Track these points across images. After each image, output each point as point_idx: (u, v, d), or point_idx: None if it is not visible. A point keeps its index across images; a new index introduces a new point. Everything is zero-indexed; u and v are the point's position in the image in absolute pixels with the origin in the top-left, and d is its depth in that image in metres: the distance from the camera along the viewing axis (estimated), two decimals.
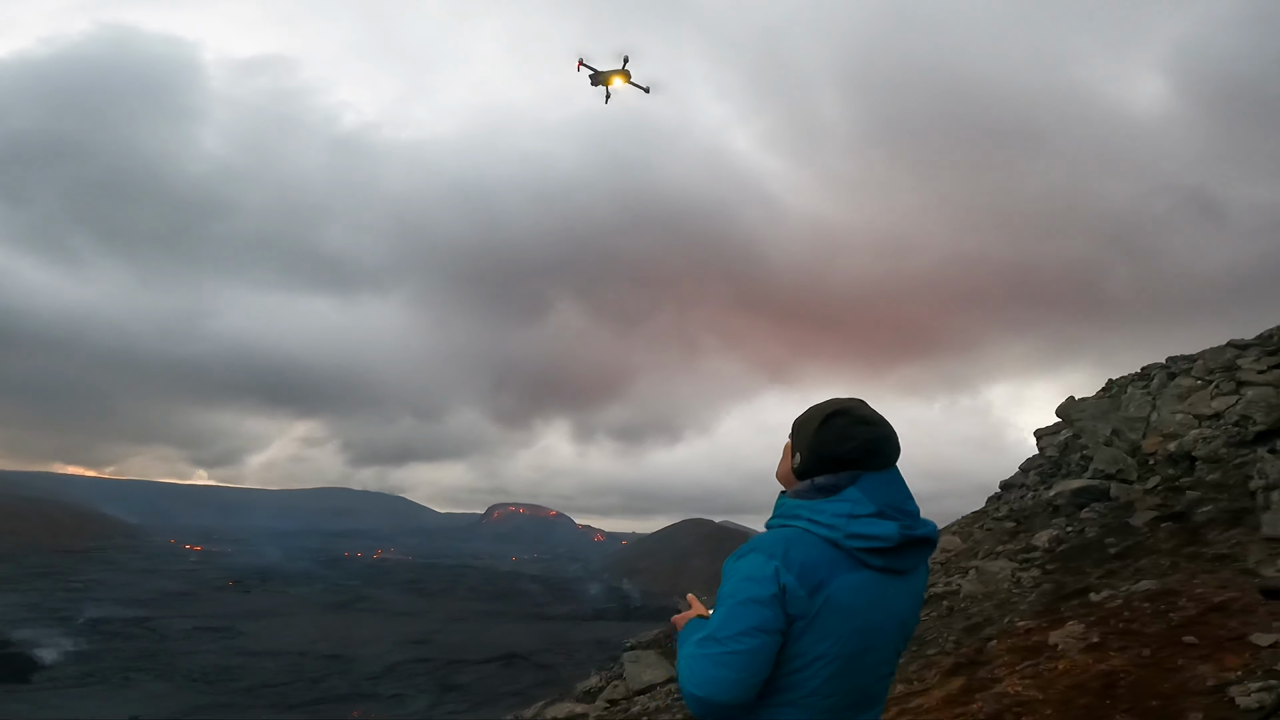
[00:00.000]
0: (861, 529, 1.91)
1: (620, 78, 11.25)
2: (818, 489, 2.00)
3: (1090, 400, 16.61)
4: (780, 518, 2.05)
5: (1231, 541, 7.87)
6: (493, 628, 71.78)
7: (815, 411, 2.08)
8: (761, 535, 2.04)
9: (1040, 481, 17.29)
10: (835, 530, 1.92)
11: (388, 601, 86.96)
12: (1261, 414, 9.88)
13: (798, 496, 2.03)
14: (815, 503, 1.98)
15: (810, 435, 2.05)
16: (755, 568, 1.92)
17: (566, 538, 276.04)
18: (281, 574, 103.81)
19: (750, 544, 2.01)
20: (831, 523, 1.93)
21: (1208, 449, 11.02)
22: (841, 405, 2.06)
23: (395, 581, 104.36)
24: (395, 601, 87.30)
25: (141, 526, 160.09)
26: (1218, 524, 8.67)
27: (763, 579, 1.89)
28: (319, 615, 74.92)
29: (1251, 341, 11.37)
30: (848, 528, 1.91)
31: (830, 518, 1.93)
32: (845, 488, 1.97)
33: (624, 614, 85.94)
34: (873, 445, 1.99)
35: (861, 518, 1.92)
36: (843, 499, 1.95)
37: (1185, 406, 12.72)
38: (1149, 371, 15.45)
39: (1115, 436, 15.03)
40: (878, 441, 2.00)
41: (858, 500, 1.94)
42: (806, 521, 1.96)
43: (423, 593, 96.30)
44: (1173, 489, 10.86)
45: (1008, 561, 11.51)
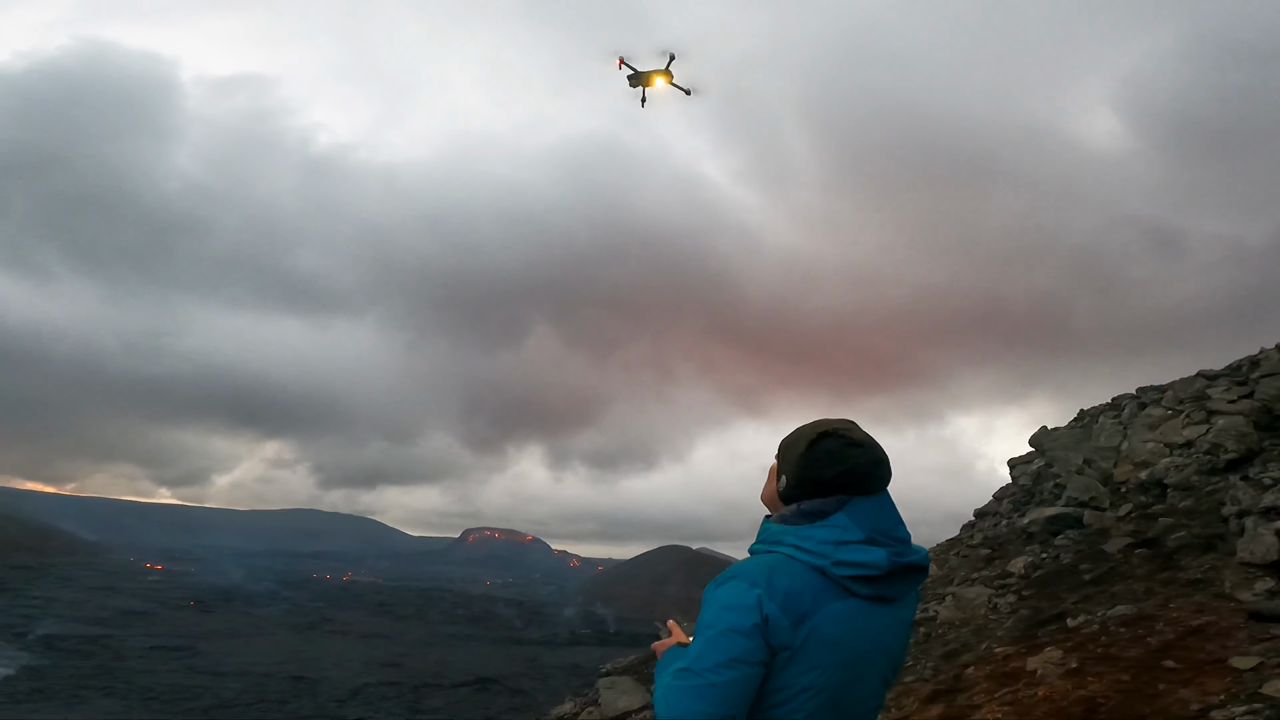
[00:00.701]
0: (849, 556, 1.82)
1: (663, 78, 9.95)
2: (803, 514, 1.89)
3: (1063, 430, 16.82)
4: (763, 543, 1.94)
5: (1205, 567, 7.87)
6: (465, 651, 70.54)
7: (803, 432, 1.97)
8: (743, 562, 1.93)
9: (1014, 509, 17.35)
10: (821, 557, 1.82)
11: (356, 624, 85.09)
12: (1233, 442, 9.99)
13: (782, 521, 1.93)
14: (800, 528, 1.88)
15: (797, 457, 1.94)
16: (736, 596, 1.81)
17: (542, 562, 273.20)
18: (245, 594, 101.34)
19: (731, 571, 1.90)
20: (818, 549, 1.83)
21: (1179, 477, 11.12)
22: (831, 426, 1.95)
23: (364, 604, 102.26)
24: (364, 624, 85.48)
25: (101, 544, 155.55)
26: (1191, 550, 8.69)
27: (744, 608, 1.79)
28: (284, 636, 73.10)
29: (1221, 372, 11.57)
30: (835, 555, 1.82)
31: (816, 544, 1.84)
32: (833, 513, 1.87)
33: (600, 639, 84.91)
34: (863, 469, 1.89)
35: (849, 544, 1.83)
36: (830, 525, 1.85)
37: (1156, 435, 12.87)
38: (1120, 402, 15.69)
39: (1087, 465, 15.16)
40: (868, 465, 1.90)
41: (846, 526, 1.84)
42: (791, 548, 1.86)
43: (393, 615, 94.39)
44: (1145, 516, 10.91)
45: (984, 588, 11.45)
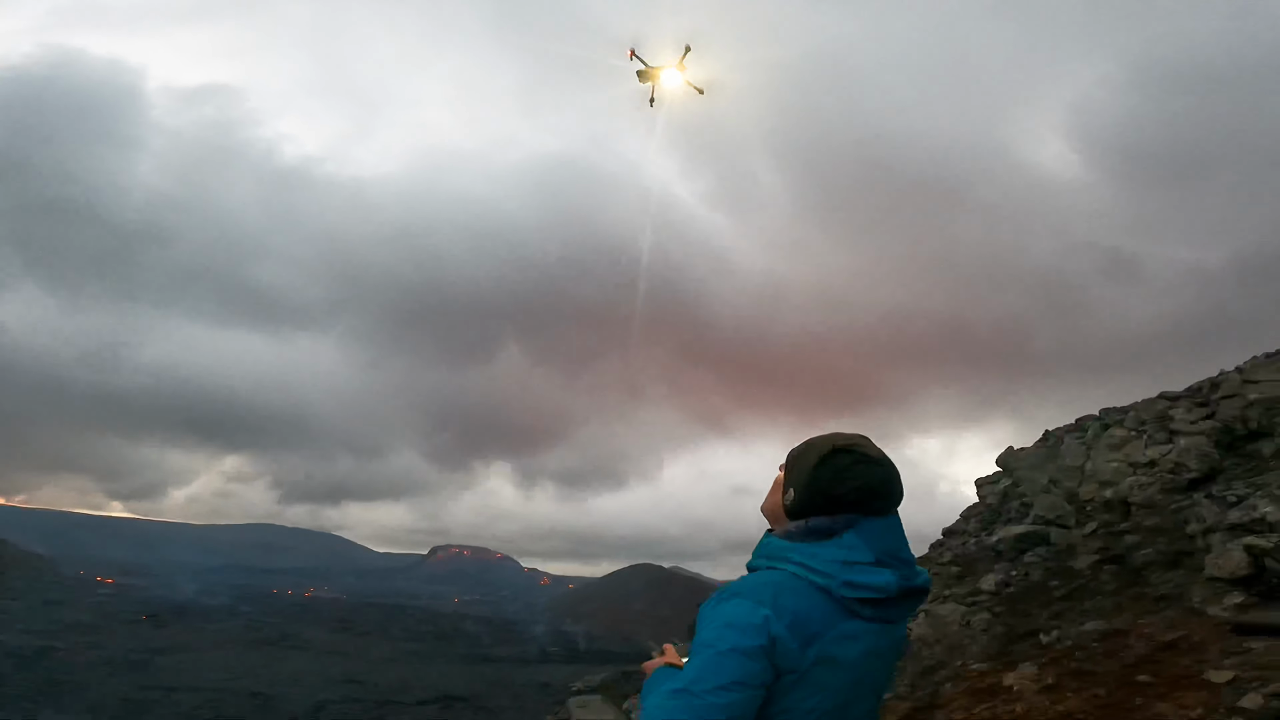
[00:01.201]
0: (858, 578, 1.73)
1: (676, 70, 9.20)
2: (811, 531, 1.79)
3: (1029, 450, 17.02)
4: (765, 559, 1.83)
5: (1173, 582, 7.96)
6: (431, 668, 68.88)
7: (815, 445, 1.87)
8: (746, 579, 1.81)
9: (981, 528, 17.44)
10: (829, 578, 1.73)
11: (317, 640, 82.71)
12: (1195, 462, 10.20)
13: (787, 537, 1.82)
14: (807, 545, 1.78)
15: (807, 471, 1.83)
16: (741, 615, 1.71)
17: (512, 580, 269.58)
18: (199, 609, 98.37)
19: (733, 588, 1.79)
20: (825, 569, 1.74)
21: (1143, 495, 11.30)
22: (845, 441, 1.85)
23: (326, 620, 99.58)
24: (325, 640, 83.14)
25: (51, 557, 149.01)
26: (1158, 566, 8.79)
27: (749, 628, 1.69)
28: (240, 652, 70.76)
29: (1182, 394, 11.85)
30: (843, 575, 1.73)
31: (824, 564, 1.74)
32: (842, 532, 1.77)
33: (570, 657, 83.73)
34: (876, 488, 1.80)
35: (858, 565, 1.74)
36: (838, 544, 1.76)
37: (1120, 455, 13.09)
38: (1084, 423, 15.96)
39: (1053, 485, 15.33)
40: (882, 484, 1.81)
41: (854, 546, 1.76)
42: (796, 566, 1.76)
43: (355, 632, 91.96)
44: (1112, 533, 11.05)
45: (957, 605, 11.45)
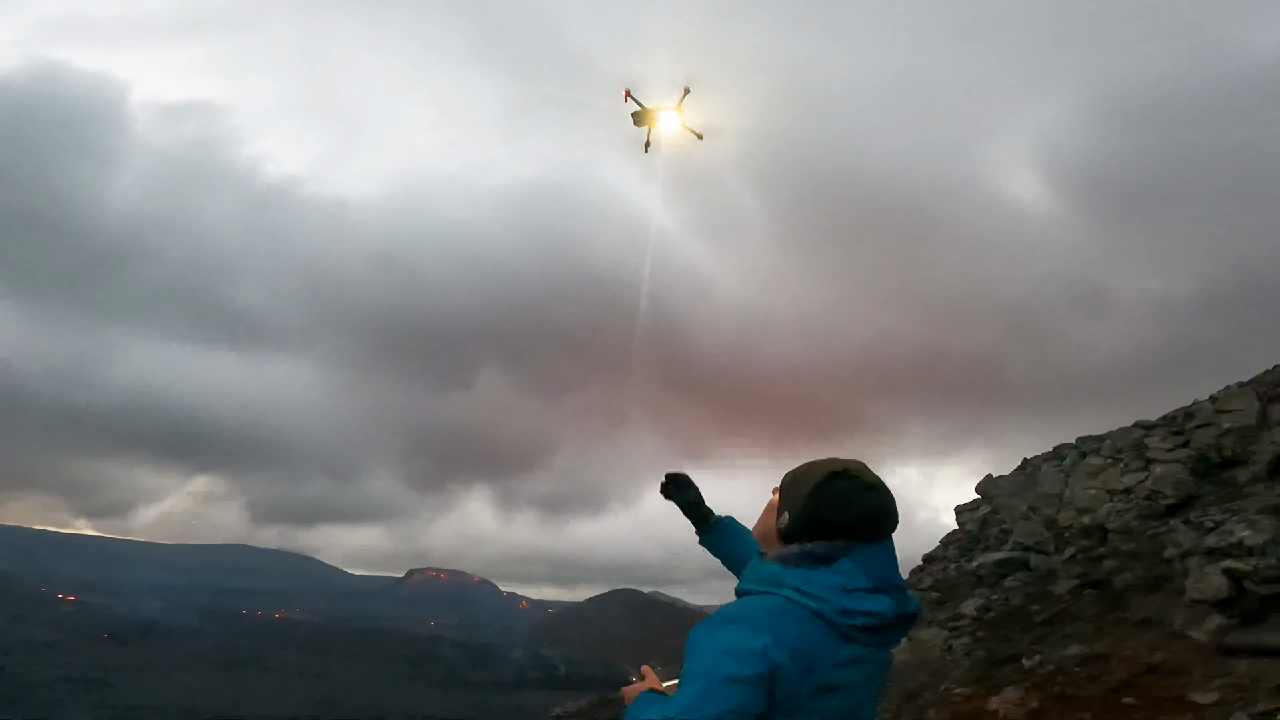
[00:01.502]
0: (855, 605, 1.70)
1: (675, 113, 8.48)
2: (807, 556, 1.75)
3: (1008, 478, 17.20)
4: (758, 583, 1.78)
5: (1153, 606, 8.00)
6: (406, 692, 67.12)
7: (812, 469, 1.83)
8: (740, 604, 1.77)
9: (961, 554, 17.53)
10: (826, 604, 1.70)
11: (288, 662, 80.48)
12: (1171, 489, 10.33)
13: (782, 562, 1.78)
14: (803, 571, 1.73)
15: (804, 495, 1.79)
16: (739, 642, 1.66)
17: (490, 604, 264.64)
18: (164, 628, 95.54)
19: (728, 613, 1.74)
20: (823, 595, 1.70)
21: (1120, 521, 11.41)
22: (843, 466, 1.82)
23: (297, 642, 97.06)
24: (297, 662, 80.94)
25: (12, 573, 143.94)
26: (1137, 590, 8.84)
27: (747, 655, 1.65)
28: (206, 672, 68.62)
29: (1157, 422, 12.04)
30: (840, 602, 1.70)
31: (821, 589, 1.71)
32: (839, 558, 1.73)
33: (548, 682, 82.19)
34: (874, 514, 1.77)
35: (855, 592, 1.71)
36: (836, 570, 1.73)
37: (1097, 483, 13.24)
38: (1061, 451, 16.18)
39: (1032, 511, 15.45)
40: (880, 510, 1.78)
41: (852, 573, 1.72)
42: (792, 591, 1.72)
43: (329, 654, 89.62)
44: (1090, 559, 11.12)
45: (938, 630, 11.42)
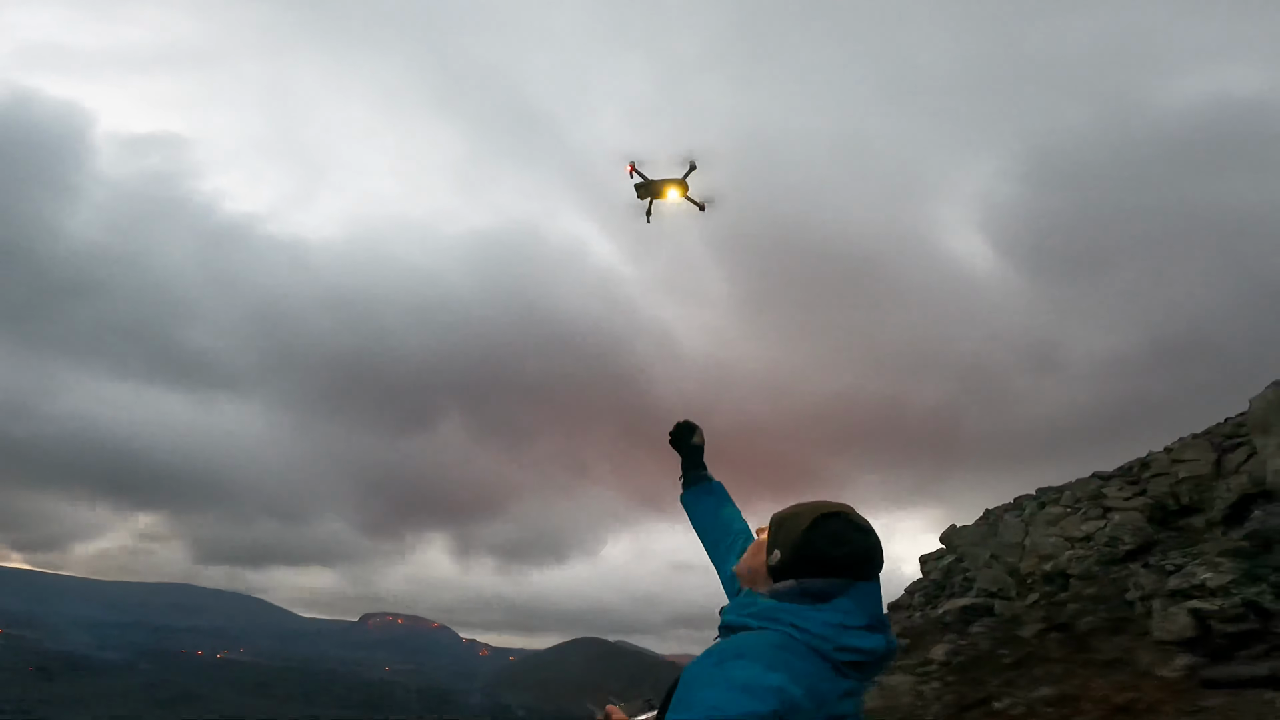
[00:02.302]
0: (854, 642, 1.74)
1: (677, 189, 8.24)
2: (805, 593, 1.76)
3: (970, 527, 17.39)
4: (753, 618, 1.77)
5: (1119, 647, 7.99)
6: None
7: (805, 509, 1.84)
8: (743, 639, 1.75)
9: (926, 602, 17.48)
10: (825, 640, 1.72)
11: (227, 702, 75.99)
12: (1129, 535, 10.48)
13: (778, 598, 1.77)
14: (801, 608, 1.75)
15: (798, 534, 1.80)
16: (753, 677, 1.67)
17: (449, 650, 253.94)
18: (94, 663, 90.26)
19: (733, 648, 1.72)
20: (822, 632, 1.73)
21: (1081, 567, 11.50)
22: (835, 508, 1.84)
23: (238, 682, 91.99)
24: (235, 703, 76.59)
25: None
26: (1101, 632, 8.84)
27: (764, 691, 1.66)
28: (139, 709, 64.55)
29: (1114, 473, 12.30)
30: (839, 639, 1.73)
31: (821, 626, 1.73)
32: (836, 596, 1.76)
33: None
34: (867, 554, 1.79)
35: (854, 630, 1.74)
36: (834, 608, 1.75)
37: (1057, 530, 13.40)
38: (1021, 501, 16.43)
39: (994, 559, 15.54)
40: (872, 550, 1.80)
41: (849, 611, 1.75)
42: (789, 627, 1.73)
43: (270, 696, 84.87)
44: (1053, 603, 11.13)
45: (907, 675, 11.21)
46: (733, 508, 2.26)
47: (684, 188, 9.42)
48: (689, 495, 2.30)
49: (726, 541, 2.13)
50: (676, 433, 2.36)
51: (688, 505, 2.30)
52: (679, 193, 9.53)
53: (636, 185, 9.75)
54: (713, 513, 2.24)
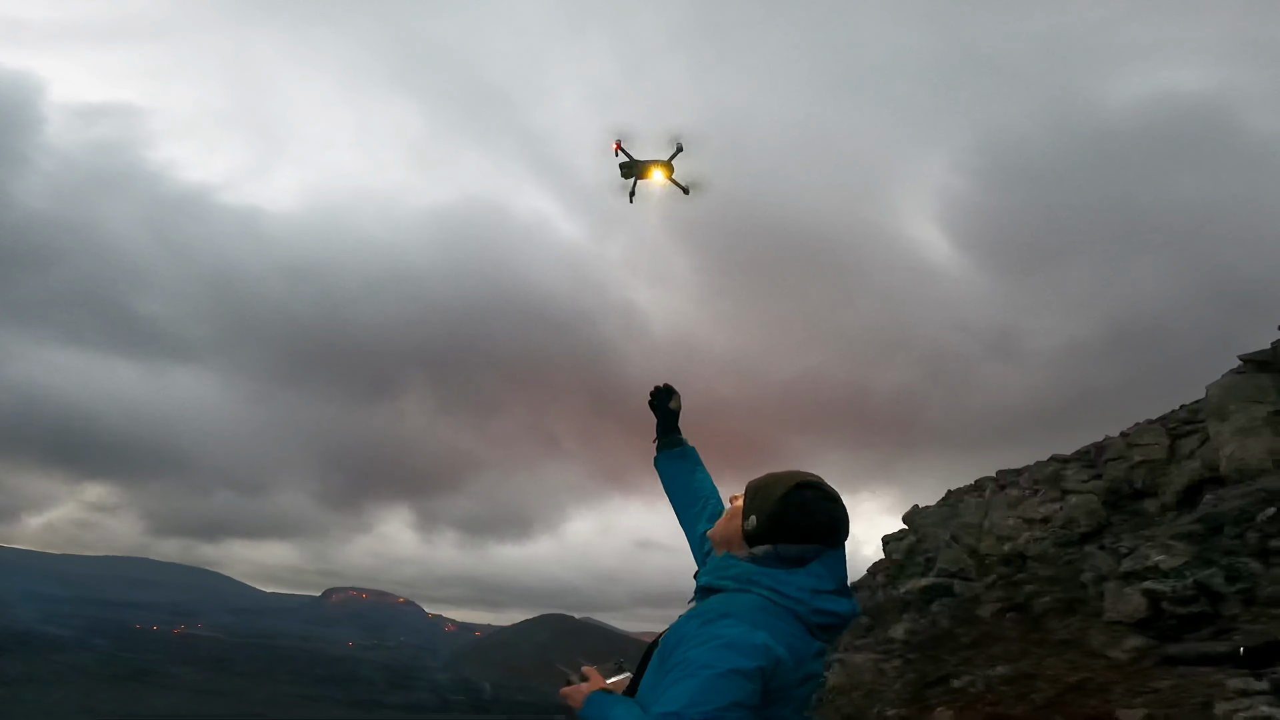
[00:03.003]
0: (826, 605, 1.82)
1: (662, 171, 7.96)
2: (781, 558, 1.83)
3: (932, 508, 17.68)
4: (731, 580, 1.83)
5: (1073, 628, 8.10)
6: (317, 713, 62.87)
7: (780, 478, 1.90)
8: (724, 600, 1.82)
9: (887, 582, 17.77)
10: (800, 603, 1.81)
11: (186, 678, 74.79)
12: (1085, 518, 10.65)
13: (755, 562, 1.84)
14: (777, 572, 1.83)
15: (774, 501, 1.86)
16: (739, 635, 1.76)
17: (414, 626, 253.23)
18: (43, 639, 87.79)
19: (717, 607, 1.81)
20: (797, 595, 1.82)
21: (1038, 549, 11.72)
22: (808, 478, 1.91)
23: (198, 658, 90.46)
24: (196, 679, 75.30)
25: None
26: (1056, 613, 8.98)
27: (750, 649, 1.75)
28: (91, 686, 62.93)
29: (1071, 456, 12.50)
30: (813, 602, 1.82)
31: (796, 590, 1.82)
32: (810, 561, 1.83)
33: (474, 706, 78.84)
34: (837, 522, 1.87)
35: (825, 594, 1.83)
36: (808, 573, 1.83)
37: (1016, 513, 13.62)
38: (982, 483, 16.71)
39: (954, 540, 15.79)
40: (842, 520, 1.87)
41: (821, 575, 1.83)
42: (768, 590, 1.81)
43: (232, 672, 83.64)
44: (1011, 584, 11.32)
45: (869, 654, 11.34)
46: (704, 473, 2.30)
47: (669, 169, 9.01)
48: (663, 458, 2.33)
49: (697, 506, 2.19)
50: (655, 395, 2.37)
51: (661, 468, 2.33)
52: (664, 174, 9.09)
53: (621, 164, 9.24)
54: (685, 477, 2.28)
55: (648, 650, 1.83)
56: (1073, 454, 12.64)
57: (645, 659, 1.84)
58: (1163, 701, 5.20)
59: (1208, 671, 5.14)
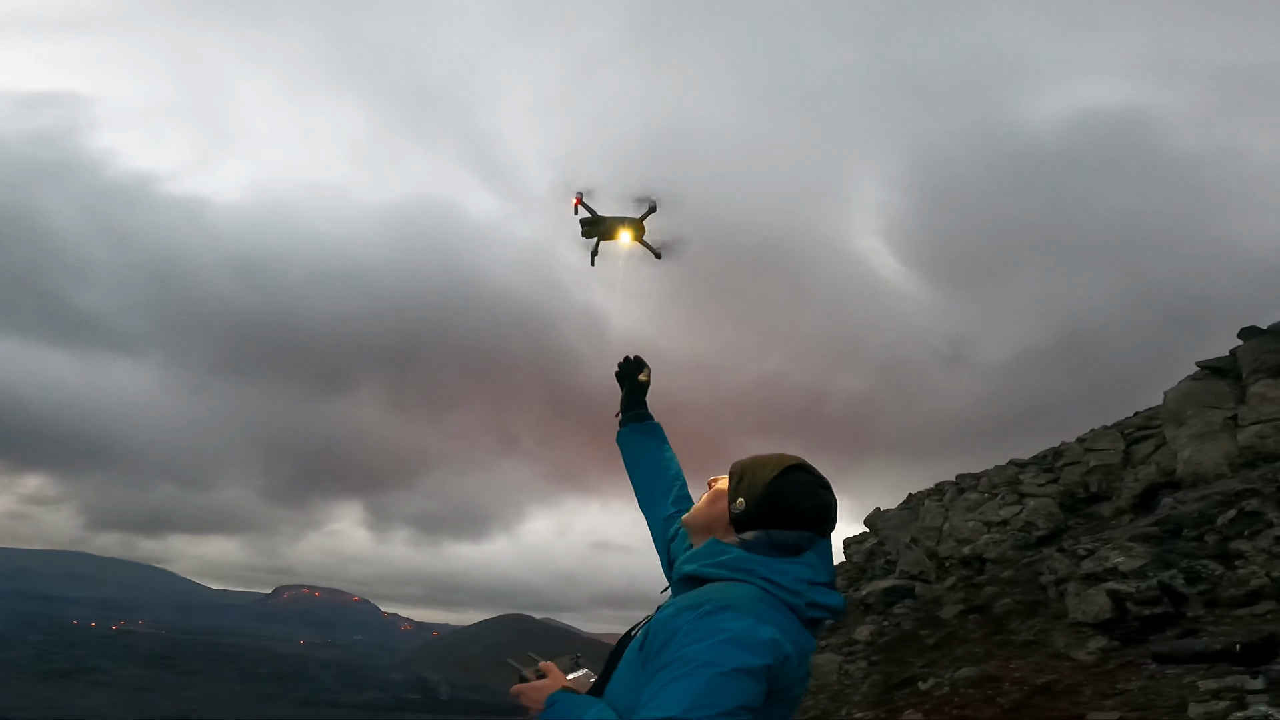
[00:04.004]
0: (821, 598, 1.66)
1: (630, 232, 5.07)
2: (776, 545, 1.66)
3: (893, 511, 17.81)
4: (725, 569, 1.65)
5: (1035, 629, 8.09)
6: (265, 711, 60.55)
7: (769, 460, 1.74)
8: (727, 590, 1.64)
9: (848, 584, 17.80)
10: (797, 596, 1.64)
11: (126, 675, 71.31)
12: (1043, 521, 10.74)
13: (749, 549, 1.67)
14: (772, 561, 1.66)
15: (766, 483, 1.70)
16: (746, 631, 1.60)
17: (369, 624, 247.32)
18: None
19: (717, 600, 1.62)
20: (794, 587, 1.65)
21: (998, 551, 11.79)
22: (799, 461, 1.75)
23: (138, 655, 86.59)
24: (136, 676, 71.98)
25: None
26: (1017, 614, 8.98)
27: (757, 645, 1.59)
28: (24, 683, 59.61)
29: (1029, 460, 12.65)
30: (809, 595, 1.65)
31: (793, 581, 1.66)
32: (806, 550, 1.67)
33: (430, 706, 77.07)
34: (828, 508, 1.71)
35: (819, 586, 1.68)
36: (803, 563, 1.67)
37: (975, 516, 13.74)
38: (942, 487, 16.87)
39: (915, 543, 15.89)
40: (832, 506, 1.72)
41: (816, 566, 1.68)
42: (762, 580, 1.64)
43: (174, 669, 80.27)
44: (971, 585, 11.36)
45: (834, 655, 11.23)
46: (671, 453, 2.08)
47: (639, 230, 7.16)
48: (629, 433, 2.09)
49: (662, 485, 1.97)
50: (624, 366, 2.16)
51: (625, 443, 2.10)
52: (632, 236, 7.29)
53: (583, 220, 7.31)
54: (652, 454, 2.05)
55: (617, 646, 1.66)
56: (1030, 458, 12.80)
57: (614, 656, 1.66)
58: (1134, 704, 5.12)
59: (1178, 673, 5.08)
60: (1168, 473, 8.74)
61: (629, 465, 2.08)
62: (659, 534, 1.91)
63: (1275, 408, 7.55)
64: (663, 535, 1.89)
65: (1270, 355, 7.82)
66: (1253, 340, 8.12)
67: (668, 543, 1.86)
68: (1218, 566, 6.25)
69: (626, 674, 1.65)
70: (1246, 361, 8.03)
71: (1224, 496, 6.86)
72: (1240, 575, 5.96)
